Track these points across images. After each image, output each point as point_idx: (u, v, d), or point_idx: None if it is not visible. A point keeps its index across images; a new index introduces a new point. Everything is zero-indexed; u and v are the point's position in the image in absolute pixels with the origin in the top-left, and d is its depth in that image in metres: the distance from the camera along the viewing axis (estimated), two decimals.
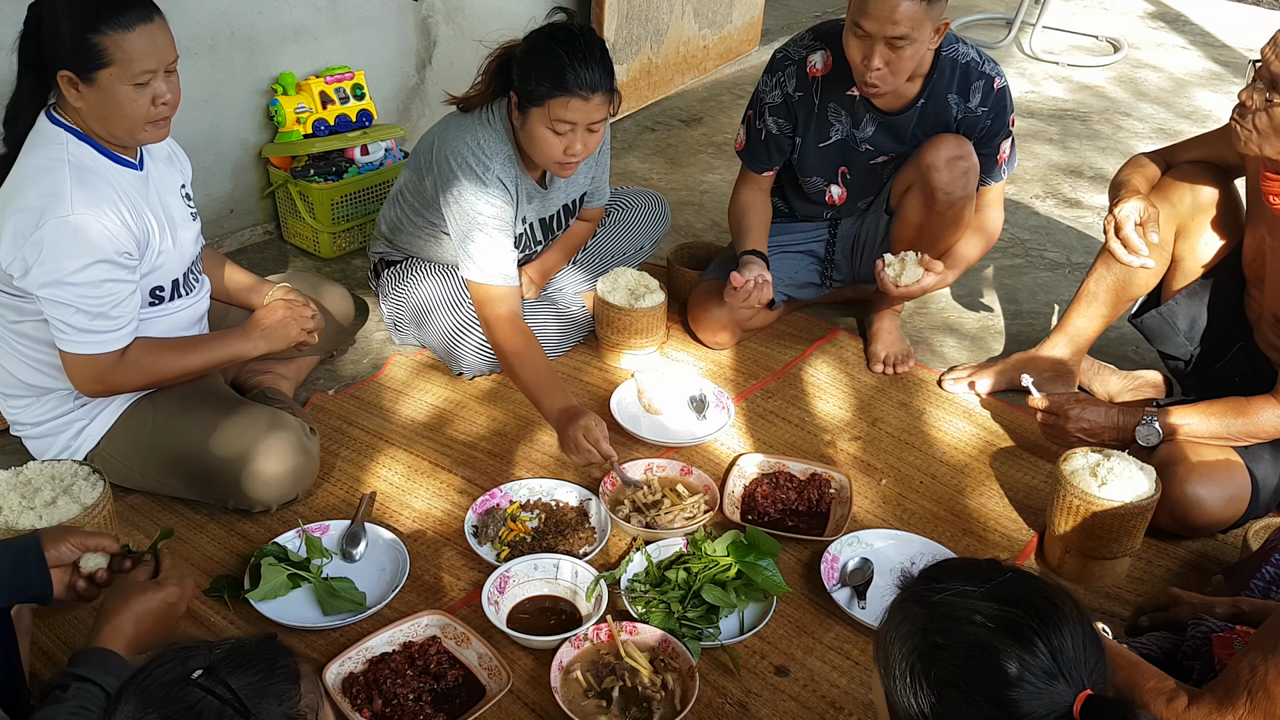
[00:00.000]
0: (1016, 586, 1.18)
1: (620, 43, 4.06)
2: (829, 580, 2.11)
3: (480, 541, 2.17)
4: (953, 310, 3.14)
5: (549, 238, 2.75)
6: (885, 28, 2.30)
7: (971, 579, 1.18)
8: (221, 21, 3.02)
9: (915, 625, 1.17)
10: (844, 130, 2.65)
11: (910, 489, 2.43)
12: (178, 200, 2.21)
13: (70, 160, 1.97)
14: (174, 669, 1.17)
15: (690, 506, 2.25)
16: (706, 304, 2.80)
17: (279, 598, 2.02)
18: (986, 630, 1.13)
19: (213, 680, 1.15)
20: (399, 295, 2.74)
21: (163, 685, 1.16)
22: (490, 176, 2.43)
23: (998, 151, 2.65)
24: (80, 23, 1.90)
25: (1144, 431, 2.25)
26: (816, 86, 2.62)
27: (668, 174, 3.91)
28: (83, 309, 1.98)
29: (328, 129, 3.21)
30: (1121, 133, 4.43)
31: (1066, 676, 1.10)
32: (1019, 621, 1.13)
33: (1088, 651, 1.13)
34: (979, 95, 2.56)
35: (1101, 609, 2.10)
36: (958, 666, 1.12)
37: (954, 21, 5.49)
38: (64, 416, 2.17)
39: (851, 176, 2.73)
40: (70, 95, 1.96)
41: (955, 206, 2.60)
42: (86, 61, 1.92)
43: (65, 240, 1.93)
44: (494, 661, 1.88)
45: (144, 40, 1.93)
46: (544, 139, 2.33)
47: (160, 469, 2.21)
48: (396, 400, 2.66)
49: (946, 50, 2.53)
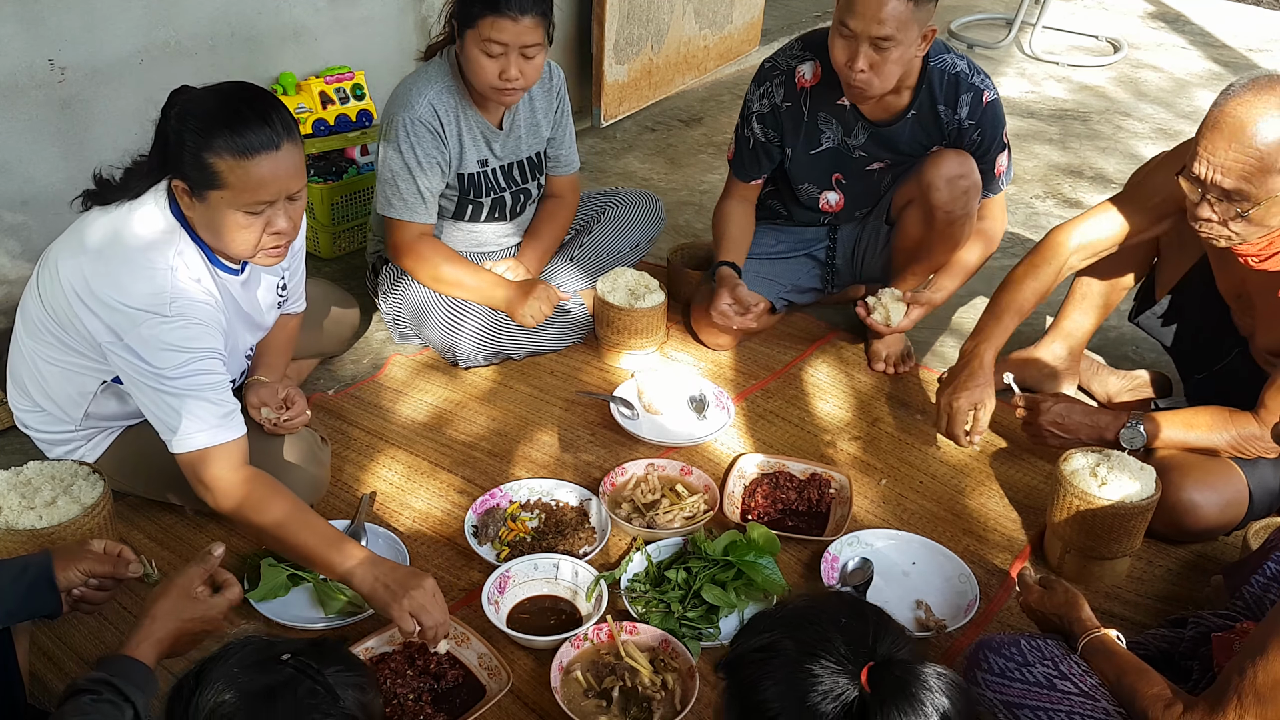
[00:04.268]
0: (782, 612, 1.28)
1: (621, 43, 4.07)
2: (829, 580, 2.11)
3: (480, 541, 2.17)
4: (953, 310, 3.14)
5: (513, 186, 2.76)
6: (871, 27, 2.28)
7: (761, 624, 1.28)
8: (221, 21, 3.02)
9: (733, 688, 1.25)
10: (835, 139, 2.65)
11: (910, 489, 2.42)
12: (271, 291, 2.17)
13: (174, 270, 1.87)
14: (262, 651, 1.25)
15: (690, 506, 2.24)
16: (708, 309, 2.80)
17: (279, 598, 2.02)
18: (779, 657, 1.21)
19: (301, 663, 1.24)
20: (397, 292, 2.75)
21: (253, 664, 1.23)
22: (411, 119, 2.52)
23: (994, 165, 2.64)
24: (201, 137, 1.79)
25: (1128, 434, 2.23)
26: (805, 96, 2.61)
27: (668, 174, 3.91)
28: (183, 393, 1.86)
29: (328, 129, 3.21)
30: (1121, 133, 4.43)
31: (845, 665, 1.17)
32: (797, 637, 1.21)
33: (863, 633, 1.21)
34: (966, 107, 2.54)
35: (1101, 609, 2.10)
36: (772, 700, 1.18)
37: (954, 21, 5.50)
38: (64, 434, 2.15)
39: (847, 182, 2.73)
40: (182, 202, 1.88)
41: (955, 225, 2.60)
42: (199, 179, 1.82)
43: (161, 341, 1.84)
44: (494, 661, 1.88)
45: (264, 170, 1.81)
46: (478, 61, 2.42)
47: (164, 482, 2.17)
48: (396, 400, 2.66)
49: (935, 61, 2.51)
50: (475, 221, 2.77)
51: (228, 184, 1.81)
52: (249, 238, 1.88)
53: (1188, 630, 1.81)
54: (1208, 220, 2.01)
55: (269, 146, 1.81)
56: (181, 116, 1.83)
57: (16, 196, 2.79)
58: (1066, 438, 2.31)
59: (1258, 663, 1.40)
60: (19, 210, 2.80)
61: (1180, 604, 2.13)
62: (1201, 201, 2.00)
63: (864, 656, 1.18)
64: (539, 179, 2.82)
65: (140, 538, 2.19)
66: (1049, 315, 3.11)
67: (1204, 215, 2.01)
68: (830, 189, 2.74)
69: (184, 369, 1.85)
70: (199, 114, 1.81)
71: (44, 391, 2.09)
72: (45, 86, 2.72)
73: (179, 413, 1.86)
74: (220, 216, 1.85)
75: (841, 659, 1.18)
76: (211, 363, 1.90)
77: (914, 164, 2.64)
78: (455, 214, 2.74)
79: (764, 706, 1.19)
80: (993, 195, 2.71)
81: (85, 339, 1.93)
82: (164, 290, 1.86)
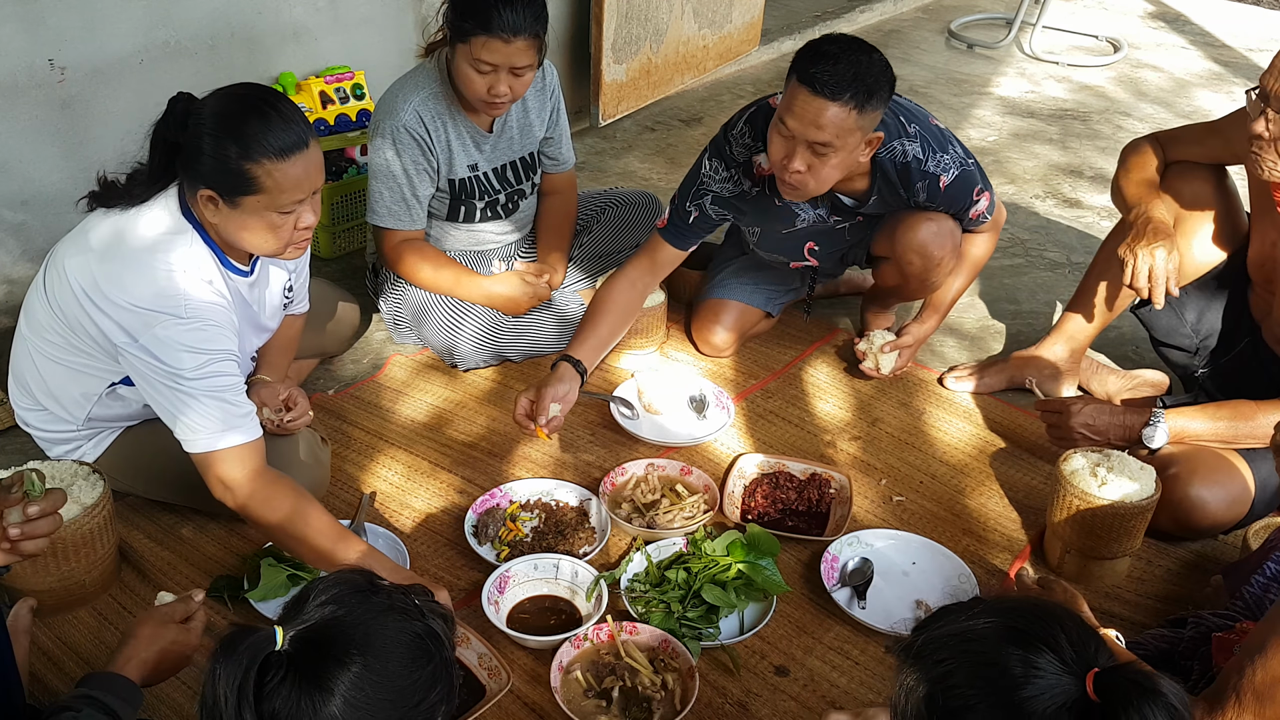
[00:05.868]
0: (1001, 603, 1.21)
1: (619, 42, 4.06)
2: (829, 580, 2.11)
3: (480, 541, 2.17)
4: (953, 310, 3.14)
5: (507, 188, 2.76)
6: (809, 131, 2.14)
7: (957, 613, 1.22)
8: (221, 21, 3.02)
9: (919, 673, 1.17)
10: (809, 219, 2.56)
11: (910, 489, 2.42)
12: (278, 293, 2.17)
13: (185, 272, 1.86)
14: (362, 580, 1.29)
15: (690, 506, 2.25)
16: (711, 324, 2.81)
17: (279, 598, 2.02)
18: (985, 643, 1.14)
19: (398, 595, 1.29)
20: (397, 292, 2.75)
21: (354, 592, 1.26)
22: (397, 126, 2.51)
23: (968, 214, 2.52)
24: (232, 146, 1.78)
25: (1149, 432, 2.24)
26: (767, 184, 2.47)
27: (668, 174, 3.91)
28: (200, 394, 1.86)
29: (328, 129, 3.21)
30: (1121, 133, 4.43)
31: (1069, 665, 1.11)
32: (1016, 627, 1.14)
33: (1085, 638, 1.14)
34: (924, 193, 2.42)
35: (1101, 609, 2.10)
36: (966, 687, 1.13)
37: (954, 22, 5.50)
38: (65, 434, 2.15)
39: (820, 248, 2.65)
40: (207, 210, 1.86)
41: (933, 273, 2.57)
42: (233, 186, 1.81)
43: (176, 342, 1.83)
44: (494, 661, 1.88)
45: (298, 170, 1.81)
46: (467, 76, 2.41)
47: (164, 482, 2.18)
48: (396, 400, 2.66)
49: (883, 152, 2.35)
50: (471, 222, 2.77)
51: (264, 188, 1.81)
52: (282, 236, 1.89)
53: (1187, 630, 1.81)
54: (1259, 138, 2.06)
55: (300, 146, 1.81)
56: (203, 126, 1.80)
57: (16, 196, 2.79)
58: (1097, 440, 2.28)
59: (1256, 662, 1.40)
60: (19, 210, 2.80)
61: (1180, 604, 2.12)
62: (1259, 117, 2.04)
63: (1088, 662, 1.12)
64: (534, 178, 2.82)
65: (140, 538, 2.19)
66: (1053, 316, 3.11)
67: (1258, 131, 2.05)
68: (803, 259, 2.68)
69: (201, 370, 1.85)
70: (226, 122, 1.80)
71: (47, 391, 2.08)
72: (45, 86, 2.73)
73: (196, 414, 1.86)
74: (254, 220, 1.85)
75: (1066, 659, 1.12)
76: (227, 364, 1.90)
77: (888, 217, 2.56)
78: (449, 215, 2.74)
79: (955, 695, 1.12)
80: (977, 228, 2.61)
81: (95, 340, 1.92)
82: (172, 292, 1.85)
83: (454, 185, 2.67)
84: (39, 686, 1.85)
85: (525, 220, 2.90)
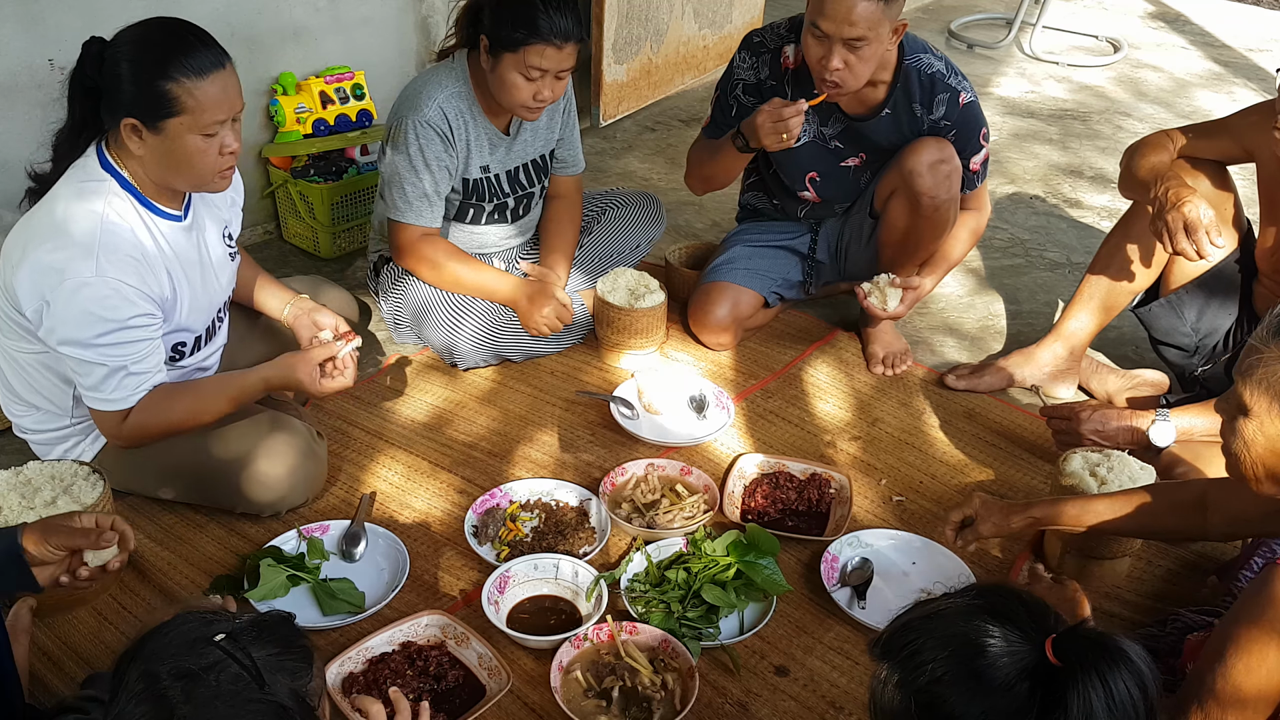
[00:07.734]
0: (965, 588, 1.29)
1: (619, 42, 4.06)
2: (829, 580, 2.11)
3: (480, 541, 2.17)
4: (952, 310, 3.14)
5: (517, 191, 2.76)
6: (843, 29, 2.29)
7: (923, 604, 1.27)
8: (221, 21, 3.02)
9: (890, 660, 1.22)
10: (812, 130, 2.64)
11: (910, 489, 2.42)
12: (219, 242, 2.17)
13: (104, 217, 1.89)
14: (198, 629, 1.21)
15: (690, 506, 2.25)
16: (706, 305, 2.80)
17: (278, 598, 2.02)
18: (947, 618, 1.20)
19: (234, 645, 1.19)
20: (397, 292, 2.75)
21: (184, 642, 1.19)
22: (420, 121, 2.52)
23: (969, 164, 2.62)
24: (149, 68, 1.81)
25: (1156, 432, 2.23)
26: (788, 77, 2.60)
27: (668, 174, 3.91)
28: (103, 363, 1.92)
29: (328, 129, 3.21)
30: (1121, 133, 4.43)
31: (1028, 633, 1.16)
32: (976, 605, 1.20)
33: (1043, 610, 1.20)
34: (943, 108, 2.54)
35: (1101, 609, 2.10)
36: (932, 661, 1.17)
37: (954, 21, 5.50)
38: (61, 431, 2.16)
39: (821, 181, 2.71)
40: (132, 143, 1.87)
41: (940, 210, 2.59)
42: (155, 109, 1.83)
43: (84, 304, 1.86)
44: (494, 661, 1.88)
45: (217, 88, 1.85)
46: (514, 84, 2.43)
47: (162, 477, 2.19)
48: (396, 400, 2.66)
49: (910, 60, 2.50)
50: (476, 224, 2.77)
51: (186, 108, 1.84)
52: (209, 161, 1.91)
53: (1167, 629, 1.82)
54: None
55: (218, 66, 1.87)
56: (120, 54, 1.85)
57: (16, 196, 2.76)
58: (1105, 445, 2.28)
59: (1217, 671, 1.41)
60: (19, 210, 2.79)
61: (1179, 604, 2.11)
62: None
63: (1046, 630, 1.16)
64: (543, 181, 2.82)
65: (140, 538, 2.19)
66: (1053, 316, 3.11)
67: None
68: (805, 189, 2.74)
69: (106, 338, 1.89)
70: (142, 46, 1.85)
71: (30, 386, 2.10)
72: (45, 86, 2.72)
73: (95, 378, 1.94)
74: (179, 145, 1.88)
75: (1025, 626, 1.16)
76: (133, 332, 1.93)
77: (891, 158, 2.64)
78: (456, 216, 2.74)
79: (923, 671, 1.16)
80: (969, 191, 2.69)
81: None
82: (88, 243, 1.87)
83: (466, 185, 2.67)
84: (39, 686, 1.85)
85: (529, 226, 2.90)
